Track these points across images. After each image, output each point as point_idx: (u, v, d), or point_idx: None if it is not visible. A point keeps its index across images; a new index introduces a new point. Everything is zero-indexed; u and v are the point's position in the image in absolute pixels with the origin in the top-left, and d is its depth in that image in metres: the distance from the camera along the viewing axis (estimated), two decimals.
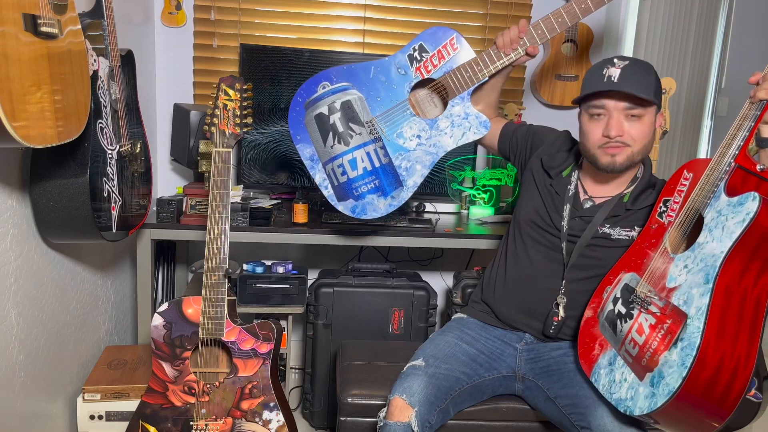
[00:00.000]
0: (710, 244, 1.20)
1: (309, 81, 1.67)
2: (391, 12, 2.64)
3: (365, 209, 1.67)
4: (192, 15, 2.53)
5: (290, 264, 2.22)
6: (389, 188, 1.66)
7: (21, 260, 1.50)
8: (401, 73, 1.61)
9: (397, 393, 1.46)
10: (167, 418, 1.61)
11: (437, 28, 1.61)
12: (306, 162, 1.71)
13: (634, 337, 1.31)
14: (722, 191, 1.22)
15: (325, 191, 1.71)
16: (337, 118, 1.65)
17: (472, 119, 1.61)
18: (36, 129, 1.16)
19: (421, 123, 1.62)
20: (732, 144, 1.23)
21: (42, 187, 1.48)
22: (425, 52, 1.60)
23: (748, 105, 1.25)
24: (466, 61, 1.59)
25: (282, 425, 1.63)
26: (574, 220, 1.58)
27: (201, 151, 1.92)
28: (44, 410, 1.66)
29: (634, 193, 1.55)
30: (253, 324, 1.61)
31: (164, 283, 2.57)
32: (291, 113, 1.70)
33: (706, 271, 1.18)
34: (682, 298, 1.21)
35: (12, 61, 1.08)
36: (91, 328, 1.98)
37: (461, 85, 1.59)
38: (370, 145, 1.64)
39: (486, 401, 1.60)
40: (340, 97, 1.64)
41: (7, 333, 1.46)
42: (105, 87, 1.57)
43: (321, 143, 1.68)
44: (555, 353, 1.58)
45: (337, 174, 1.67)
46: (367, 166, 1.64)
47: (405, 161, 1.64)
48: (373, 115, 1.63)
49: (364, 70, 1.63)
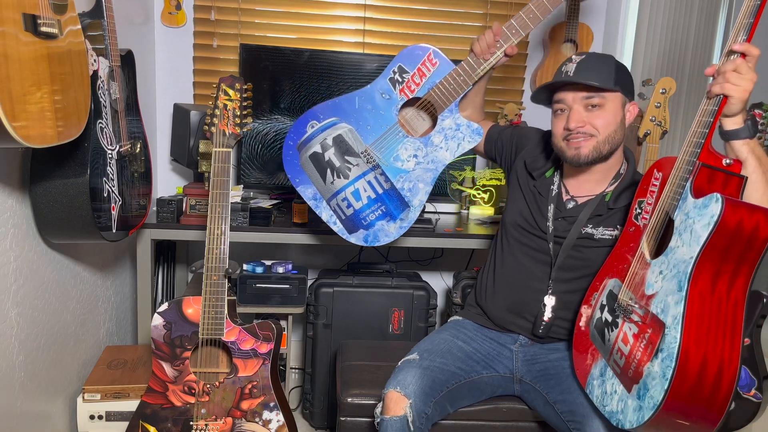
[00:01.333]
0: (681, 248, 1.16)
1: (296, 123, 1.67)
2: (391, 12, 2.64)
3: (377, 236, 1.66)
4: (192, 15, 2.53)
5: (290, 264, 2.22)
6: (396, 211, 1.65)
7: (21, 260, 1.50)
8: (386, 97, 1.61)
9: (391, 386, 1.47)
10: (167, 418, 1.61)
11: (413, 46, 1.61)
12: (310, 202, 1.70)
13: (620, 346, 1.28)
14: (689, 192, 1.17)
15: (334, 227, 1.70)
16: (332, 154, 1.64)
17: (464, 129, 1.62)
18: (36, 129, 1.16)
19: (415, 143, 1.62)
20: (693, 141, 1.19)
21: (42, 187, 1.48)
22: (405, 73, 1.60)
23: (706, 100, 1.21)
24: (447, 74, 1.59)
25: (282, 425, 1.63)
26: (558, 221, 1.57)
27: (201, 151, 1.92)
28: (44, 410, 1.66)
29: (617, 191, 1.53)
30: (253, 324, 1.60)
31: (164, 283, 2.57)
32: (285, 158, 1.69)
33: (679, 278, 1.15)
34: (659, 306, 1.18)
35: (12, 61, 1.08)
36: (91, 328, 1.98)
37: (447, 98, 1.59)
38: (370, 174, 1.63)
39: (486, 401, 1.60)
40: (331, 132, 1.64)
41: (7, 333, 1.46)
42: (105, 87, 1.57)
43: (321, 181, 1.67)
44: (552, 356, 1.58)
45: (342, 208, 1.67)
46: (371, 194, 1.64)
47: (407, 182, 1.64)
48: (366, 144, 1.63)
49: (348, 102, 1.63)
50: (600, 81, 1.43)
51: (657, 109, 1.99)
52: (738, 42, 1.15)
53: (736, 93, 1.16)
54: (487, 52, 1.56)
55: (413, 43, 2.61)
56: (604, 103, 1.45)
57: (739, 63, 1.15)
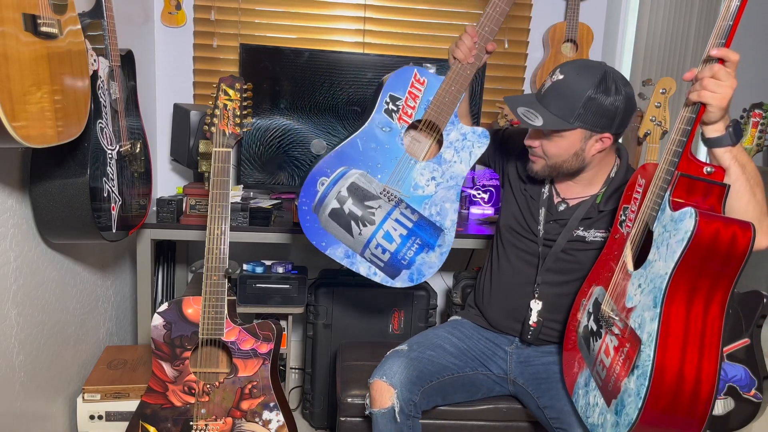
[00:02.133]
0: (657, 262, 1.13)
1: (305, 185, 1.56)
2: (391, 12, 2.63)
3: (421, 271, 1.59)
4: (192, 15, 2.53)
5: (290, 264, 2.22)
6: (432, 240, 1.58)
7: (21, 260, 1.50)
8: (387, 130, 1.55)
9: (377, 376, 1.47)
10: (167, 418, 1.61)
11: (398, 72, 1.55)
12: (343, 262, 1.60)
13: (602, 358, 1.27)
14: (667, 204, 1.13)
15: (375, 278, 1.60)
16: (351, 204, 1.55)
17: (470, 136, 1.58)
18: (36, 129, 1.16)
19: (429, 165, 1.57)
20: (672, 150, 1.14)
21: (42, 187, 1.48)
22: (398, 100, 1.54)
23: (684, 107, 1.16)
24: (438, 88, 1.54)
25: (282, 425, 1.63)
26: (549, 224, 1.56)
27: (201, 151, 1.92)
28: (44, 410, 1.66)
29: (607, 193, 1.51)
30: (253, 324, 1.60)
31: (164, 283, 2.57)
32: (304, 225, 1.57)
33: (654, 294, 1.12)
34: (637, 321, 1.16)
35: (12, 61, 1.08)
36: (91, 328, 1.98)
37: (446, 112, 1.54)
38: (395, 211, 1.56)
39: (484, 401, 1.60)
40: (343, 183, 1.55)
41: (7, 333, 1.45)
42: (105, 87, 1.57)
43: (348, 236, 1.57)
44: (546, 359, 1.57)
45: (378, 255, 1.58)
46: (402, 231, 1.57)
47: (433, 207, 1.58)
48: (383, 183, 1.55)
49: (352, 147, 1.55)
50: (556, 118, 1.38)
51: (657, 109, 1.99)
52: (716, 47, 1.10)
53: (713, 101, 1.11)
54: (470, 55, 1.53)
55: (413, 44, 2.63)
56: (561, 134, 1.42)
57: (717, 69, 1.10)
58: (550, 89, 1.42)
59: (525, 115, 1.40)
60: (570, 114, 1.39)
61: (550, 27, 2.63)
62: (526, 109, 1.42)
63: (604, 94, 1.38)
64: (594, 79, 1.38)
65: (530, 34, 2.71)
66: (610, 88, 1.38)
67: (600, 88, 1.38)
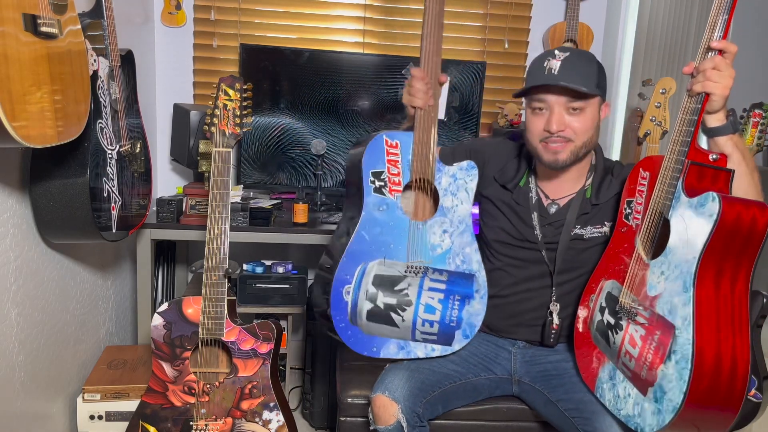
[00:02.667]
0: (680, 249, 1.17)
1: (333, 303, 1.49)
2: (391, 12, 2.64)
3: (471, 323, 1.55)
4: (192, 15, 2.54)
5: (290, 264, 2.22)
6: (469, 289, 1.55)
7: (21, 260, 1.50)
8: (384, 209, 1.49)
9: (378, 391, 1.46)
10: (167, 418, 1.61)
11: (369, 146, 1.47)
12: (399, 355, 1.54)
13: (628, 349, 1.28)
14: (681, 191, 1.18)
15: (435, 353, 1.55)
16: (383, 298, 1.50)
17: (459, 174, 1.54)
18: (36, 129, 1.16)
19: (436, 221, 1.53)
20: (679, 140, 1.20)
21: (42, 187, 1.48)
22: (381, 173, 1.48)
23: (687, 99, 1.21)
24: (413, 144, 1.49)
25: (282, 425, 1.63)
26: (545, 227, 1.54)
27: (201, 151, 1.92)
28: (44, 410, 1.66)
29: (594, 185, 1.51)
30: (253, 324, 1.60)
31: (164, 283, 2.57)
32: (348, 341, 1.50)
33: (683, 278, 1.15)
34: (665, 308, 1.19)
35: (12, 61, 1.08)
36: (91, 328, 1.98)
37: (427, 164, 1.50)
38: (425, 282, 1.52)
39: (485, 401, 1.60)
40: (367, 280, 1.49)
41: (7, 333, 1.45)
42: (105, 87, 1.57)
43: (394, 329, 1.52)
44: (552, 357, 1.57)
45: (428, 332, 1.54)
46: (439, 296, 1.53)
47: (456, 258, 1.54)
48: (403, 260, 1.51)
49: (359, 243, 1.48)
50: (586, 86, 1.38)
51: (657, 109, 1.99)
52: (715, 39, 1.16)
53: (717, 90, 1.17)
54: (429, 98, 1.47)
55: (413, 44, 2.63)
56: (585, 107, 1.42)
57: (719, 61, 1.16)
58: (566, 67, 1.39)
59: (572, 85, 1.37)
60: (592, 82, 1.40)
61: (550, 27, 2.63)
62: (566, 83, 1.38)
63: (601, 67, 1.46)
64: (591, 54, 1.48)
65: (530, 34, 2.71)
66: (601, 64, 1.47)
67: (599, 63, 1.46)
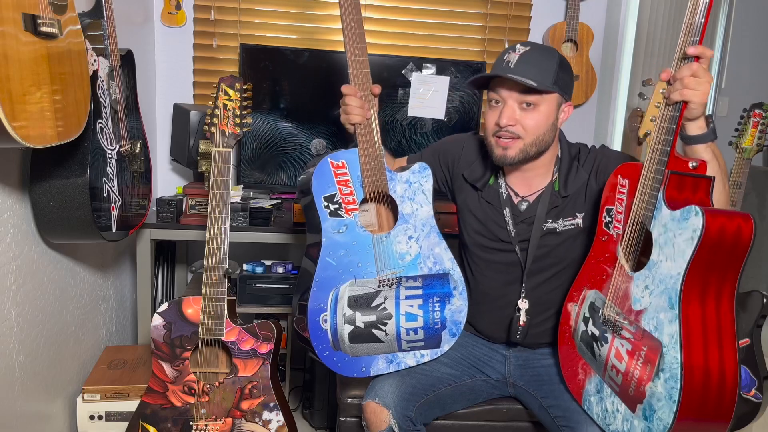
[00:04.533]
0: (665, 263, 1.14)
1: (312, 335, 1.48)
2: (391, 12, 2.63)
3: (456, 322, 1.54)
4: (192, 15, 2.53)
5: (290, 264, 2.22)
6: (446, 289, 1.54)
7: (21, 260, 1.50)
8: (344, 230, 1.48)
9: (369, 397, 1.46)
10: (167, 418, 1.61)
11: (315, 172, 1.46)
12: (390, 369, 1.53)
13: (614, 363, 1.26)
14: (662, 203, 1.15)
15: (426, 359, 1.55)
16: (362, 317, 1.49)
17: (413, 178, 1.51)
18: (36, 129, 1.16)
19: (399, 229, 1.51)
20: (658, 149, 1.16)
21: (42, 187, 1.48)
22: (334, 196, 1.47)
23: (664, 106, 1.19)
24: (359, 159, 1.47)
25: (282, 425, 1.63)
26: (517, 225, 1.52)
27: (201, 151, 1.92)
28: (44, 410, 1.66)
29: (562, 176, 1.49)
30: (253, 324, 1.60)
31: (164, 283, 2.57)
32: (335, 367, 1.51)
33: (669, 294, 1.13)
34: (651, 324, 1.16)
35: (12, 61, 1.08)
36: (91, 328, 1.98)
37: (380, 175, 1.48)
38: (400, 291, 1.50)
39: (485, 402, 1.60)
40: (341, 304, 1.48)
41: (7, 333, 1.45)
42: (105, 87, 1.57)
43: (379, 345, 1.51)
44: (545, 361, 1.56)
45: (414, 339, 1.52)
46: (418, 302, 1.52)
47: (428, 261, 1.53)
48: (374, 277, 1.49)
49: (325, 268, 1.47)
50: (539, 80, 1.35)
51: (657, 109, 1.98)
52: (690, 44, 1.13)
53: (696, 98, 1.14)
54: (366, 111, 1.45)
55: (412, 44, 2.63)
56: (539, 103, 1.39)
57: (696, 67, 1.13)
58: (521, 60, 1.37)
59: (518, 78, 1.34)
60: (549, 77, 1.37)
61: (550, 27, 2.63)
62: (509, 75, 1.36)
63: (564, 65, 1.42)
64: (554, 51, 1.43)
65: (530, 34, 2.71)
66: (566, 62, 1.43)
67: (562, 60, 1.42)
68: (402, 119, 2.46)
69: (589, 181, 1.48)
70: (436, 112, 2.46)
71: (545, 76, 1.37)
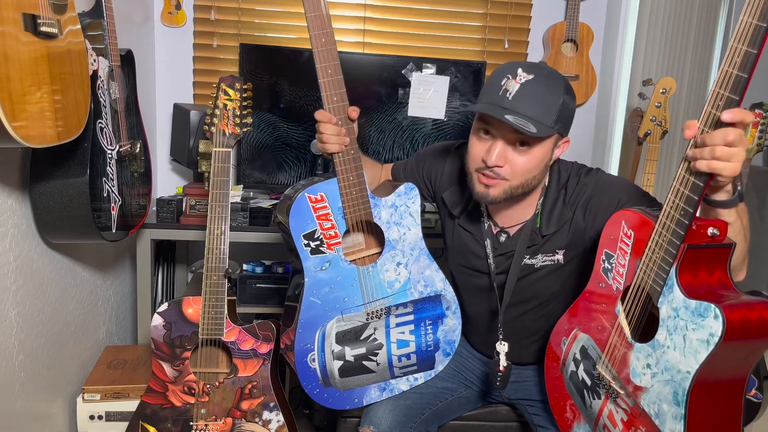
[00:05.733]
0: (672, 351, 1.02)
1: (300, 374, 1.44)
2: (391, 12, 2.63)
3: (449, 342, 1.51)
4: (192, 15, 2.53)
5: (290, 264, 2.22)
6: (438, 310, 1.49)
7: (21, 260, 1.50)
8: (327, 267, 1.41)
9: (364, 425, 1.45)
10: (167, 418, 1.61)
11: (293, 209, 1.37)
12: (383, 396, 1.50)
13: (607, 424, 1.18)
14: (675, 282, 1.01)
15: (419, 381, 1.51)
16: (351, 351, 1.44)
17: (399, 201, 1.44)
18: (36, 129, 1.16)
19: (386, 257, 1.44)
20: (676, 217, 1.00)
21: (42, 187, 1.48)
22: (314, 232, 1.38)
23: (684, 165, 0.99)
24: (339, 190, 1.38)
25: (282, 425, 1.63)
26: (497, 257, 1.43)
27: (201, 151, 1.92)
28: (44, 410, 1.66)
29: (545, 213, 1.37)
30: (253, 324, 1.60)
31: (164, 283, 2.57)
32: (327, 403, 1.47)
33: (674, 389, 1.02)
34: (652, 408, 1.07)
35: (12, 61, 1.08)
36: (91, 328, 1.98)
37: (362, 203, 1.40)
38: (390, 320, 1.46)
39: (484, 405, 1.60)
40: (329, 342, 1.43)
41: (7, 333, 1.45)
42: (105, 87, 1.57)
43: (371, 375, 1.48)
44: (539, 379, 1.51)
45: (406, 365, 1.49)
46: (409, 328, 1.47)
47: (418, 285, 1.47)
48: (361, 311, 1.44)
49: (310, 308, 1.41)
50: (540, 121, 1.20)
51: (657, 109, 1.99)
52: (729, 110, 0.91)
53: (727, 171, 0.93)
54: (344, 138, 1.35)
55: (412, 44, 2.63)
56: (535, 145, 1.24)
57: (733, 137, 0.91)
58: (523, 94, 1.21)
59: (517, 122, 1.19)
60: (549, 118, 1.21)
61: (550, 27, 2.63)
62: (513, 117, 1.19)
63: (569, 96, 1.26)
64: (560, 79, 1.26)
65: (530, 34, 2.71)
66: (570, 90, 1.28)
67: (567, 89, 1.26)
68: (402, 119, 2.46)
69: (575, 216, 1.35)
70: (436, 112, 2.46)
71: (548, 114, 1.21)
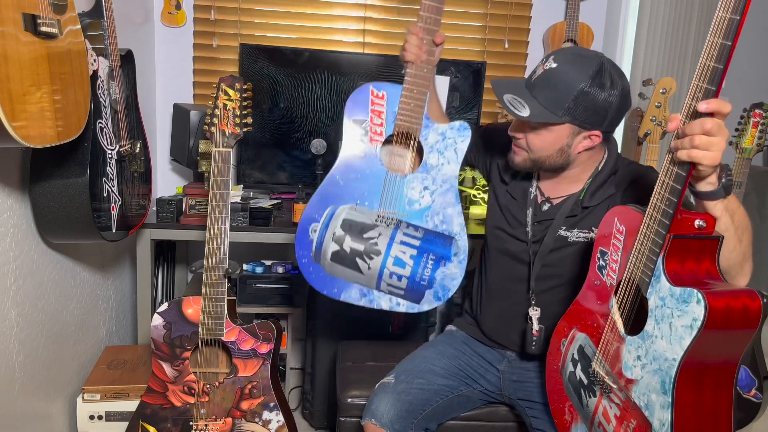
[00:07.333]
0: (660, 340, 1.04)
1: (298, 237, 1.47)
2: (391, 12, 2.63)
3: (445, 286, 1.48)
4: (192, 15, 2.53)
5: (290, 264, 2.22)
6: (446, 250, 1.47)
7: (21, 260, 1.50)
8: (362, 156, 1.45)
9: (366, 418, 1.46)
10: (167, 418, 1.61)
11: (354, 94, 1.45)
12: (361, 302, 1.51)
13: (602, 421, 1.19)
14: (662, 272, 1.03)
15: (400, 308, 1.50)
16: (350, 242, 1.45)
17: (449, 133, 1.47)
18: (36, 129, 1.16)
19: (417, 176, 1.46)
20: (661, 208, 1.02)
21: (42, 187, 1.48)
22: (363, 120, 1.45)
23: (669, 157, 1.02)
24: (401, 96, 1.44)
25: (282, 425, 1.63)
26: (534, 225, 1.47)
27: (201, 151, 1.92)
28: (44, 410, 1.66)
29: (592, 187, 1.41)
30: (253, 324, 1.60)
31: (164, 283, 2.57)
32: (308, 277, 1.50)
33: (662, 378, 1.03)
34: (642, 399, 1.08)
35: (12, 61, 1.08)
36: (91, 328, 1.98)
37: (415, 118, 1.44)
38: (398, 234, 1.45)
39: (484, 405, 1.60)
40: (335, 223, 1.46)
41: (7, 333, 1.45)
42: (105, 87, 1.57)
43: (358, 275, 1.48)
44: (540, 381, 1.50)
45: (395, 284, 1.48)
46: (411, 252, 1.46)
47: (435, 217, 1.47)
48: (375, 209, 1.46)
49: (332, 185, 1.45)
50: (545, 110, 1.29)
51: (657, 109, 1.99)
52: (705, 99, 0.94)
53: (706, 160, 0.96)
54: (423, 53, 1.42)
55: None
56: (542, 129, 1.34)
57: (710, 126, 0.94)
58: (541, 77, 1.31)
59: (511, 103, 1.30)
60: (559, 107, 1.28)
61: (550, 27, 2.63)
62: (513, 96, 1.31)
63: (598, 89, 1.27)
64: (589, 71, 1.27)
65: (530, 34, 2.71)
66: (605, 83, 1.28)
67: (595, 81, 1.27)
68: None
69: (614, 196, 1.40)
70: None
71: (558, 103, 1.28)
